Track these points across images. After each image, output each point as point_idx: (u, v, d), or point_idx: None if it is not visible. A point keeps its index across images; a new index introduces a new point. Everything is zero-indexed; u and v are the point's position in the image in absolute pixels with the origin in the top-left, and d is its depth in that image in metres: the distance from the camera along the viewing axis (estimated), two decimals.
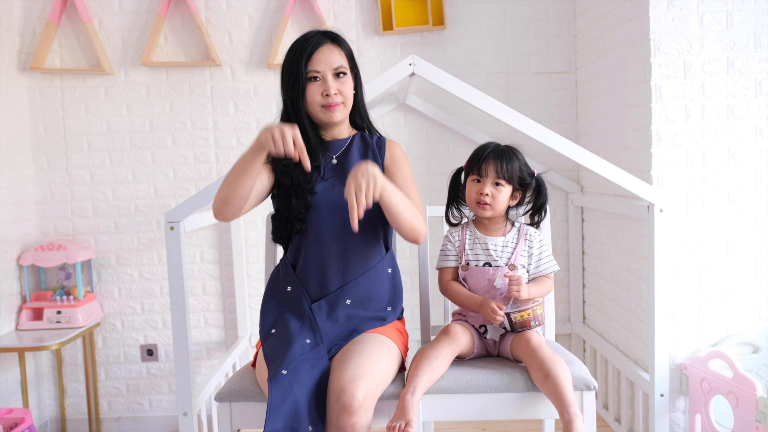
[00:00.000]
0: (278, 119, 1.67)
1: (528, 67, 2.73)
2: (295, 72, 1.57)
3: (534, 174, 1.73)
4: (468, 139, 2.70)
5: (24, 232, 2.64)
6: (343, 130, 1.68)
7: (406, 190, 1.62)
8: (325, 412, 1.42)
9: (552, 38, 2.72)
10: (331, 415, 1.40)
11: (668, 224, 1.97)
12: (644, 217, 1.99)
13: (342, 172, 1.63)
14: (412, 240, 1.59)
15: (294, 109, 1.61)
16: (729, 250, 2.06)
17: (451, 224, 1.82)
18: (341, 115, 1.62)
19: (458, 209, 1.81)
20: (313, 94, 1.58)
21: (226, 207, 1.50)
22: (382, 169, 1.66)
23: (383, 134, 1.75)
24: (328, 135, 1.67)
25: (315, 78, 1.57)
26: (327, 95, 1.57)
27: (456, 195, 1.81)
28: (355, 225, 1.37)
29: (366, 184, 1.36)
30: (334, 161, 1.65)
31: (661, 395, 1.97)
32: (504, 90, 2.73)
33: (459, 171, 1.81)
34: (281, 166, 1.59)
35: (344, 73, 1.60)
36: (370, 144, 1.68)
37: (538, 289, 1.66)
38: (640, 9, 2.06)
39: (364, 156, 1.66)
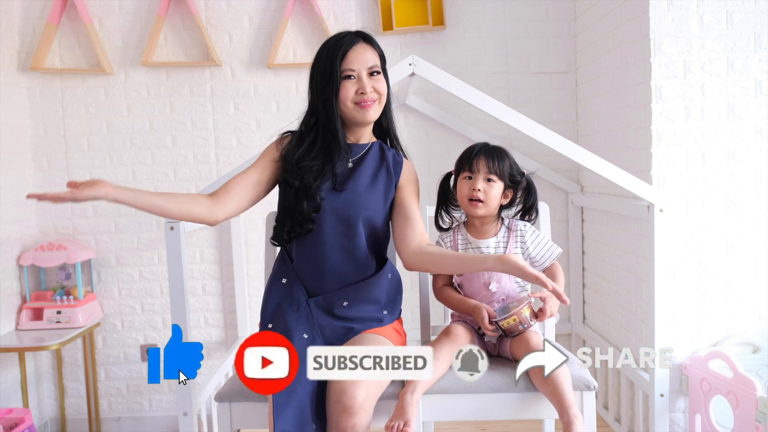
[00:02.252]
0: (299, 120, 1.65)
1: (528, 67, 2.72)
2: (329, 71, 1.56)
3: (524, 173, 1.72)
4: (468, 139, 2.69)
5: (24, 232, 2.64)
6: (366, 135, 1.67)
7: (413, 216, 1.61)
8: (325, 410, 1.42)
9: (552, 38, 2.72)
10: (331, 415, 1.40)
11: (668, 224, 1.97)
12: (644, 217, 1.99)
13: (352, 178, 1.61)
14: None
15: (326, 110, 1.58)
16: (729, 250, 2.06)
17: (440, 229, 1.80)
18: (375, 113, 1.60)
19: (448, 213, 1.80)
20: (347, 90, 1.56)
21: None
22: (395, 187, 1.65)
23: (403, 148, 1.74)
24: (352, 137, 1.65)
25: (350, 77, 1.56)
26: (362, 93, 1.56)
27: (446, 199, 1.79)
28: None
29: None
30: (350, 164, 1.64)
31: (661, 395, 1.97)
32: (504, 90, 2.73)
33: (448, 176, 1.80)
34: (292, 165, 1.58)
35: (378, 72, 1.59)
36: (386, 157, 1.66)
37: (557, 283, 1.62)
38: (640, 9, 2.06)
39: (378, 168, 1.64)
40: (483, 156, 1.67)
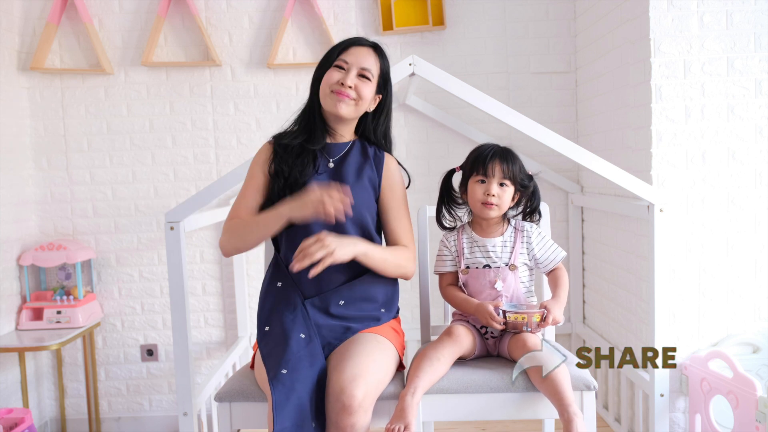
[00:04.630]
0: (295, 116, 1.69)
1: (528, 67, 2.73)
2: (328, 62, 1.61)
3: (532, 176, 1.73)
4: (468, 139, 2.70)
5: (24, 232, 2.64)
6: (346, 134, 1.68)
7: (399, 216, 1.66)
8: (323, 409, 1.42)
9: (552, 38, 2.72)
10: (330, 414, 1.40)
11: (668, 224, 1.97)
12: (644, 217, 1.99)
13: (337, 178, 1.62)
14: (401, 278, 1.67)
15: (312, 95, 1.65)
16: (729, 250, 2.06)
17: (442, 227, 1.80)
18: (347, 109, 1.60)
19: (450, 211, 1.79)
20: (331, 76, 1.59)
21: (236, 252, 1.63)
22: (379, 187, 1.66)
23: (393, 147, 1.76)
24: (330, 137, 1.66)
25: (340, 67, 1.59)
26: (342, 84, 1.57)
27: (450, 196, 1.79)
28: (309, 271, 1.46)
29: (322, 251, 1.43)
30: (331, 165, 1.64)
31: (661, 395, 1.97)
32: (504, 90, 2.73)
33: (450, 172, 1.80)
34: (274, 168, 1.62)
35: (369, 79, 1.60)
36: (368, 156, 1.67)
37: (560, 293, 1.64)
38: (640, 9, 2.06)
39: (360, 168, 1.65)
40: (498, 160, 1.66)
